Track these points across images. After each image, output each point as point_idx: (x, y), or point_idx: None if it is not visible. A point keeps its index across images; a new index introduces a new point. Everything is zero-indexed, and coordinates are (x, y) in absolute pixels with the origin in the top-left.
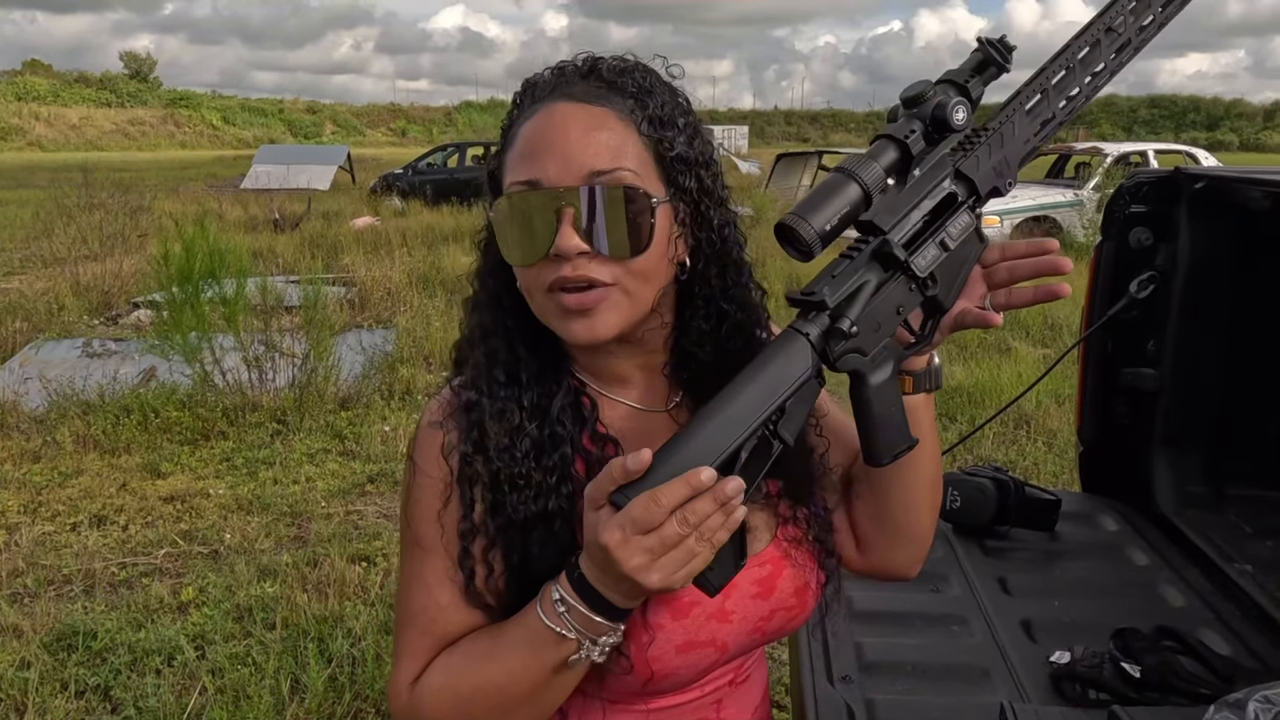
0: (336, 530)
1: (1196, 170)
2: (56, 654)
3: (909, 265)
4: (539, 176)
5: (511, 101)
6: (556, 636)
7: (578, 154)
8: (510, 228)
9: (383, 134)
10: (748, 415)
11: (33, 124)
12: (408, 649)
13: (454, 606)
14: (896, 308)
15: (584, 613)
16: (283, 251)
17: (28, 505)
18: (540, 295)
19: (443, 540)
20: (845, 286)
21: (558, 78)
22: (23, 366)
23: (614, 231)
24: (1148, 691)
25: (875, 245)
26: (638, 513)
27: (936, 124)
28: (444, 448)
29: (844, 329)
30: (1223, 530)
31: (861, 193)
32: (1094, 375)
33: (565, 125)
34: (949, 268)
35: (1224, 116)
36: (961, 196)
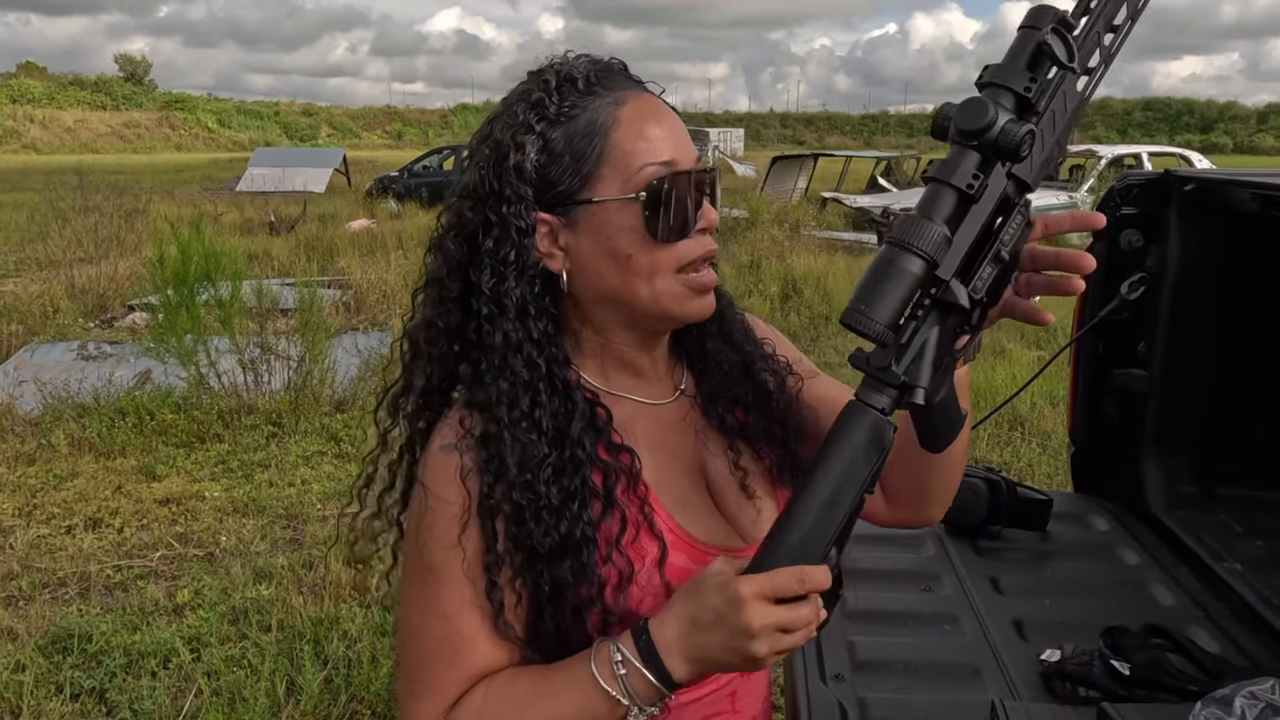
0: (332, 533)
1: (1186, 172)
2: (51, 657)
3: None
4: (675, 157)
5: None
6: (609, 699)
7: (686, 138)
8: (661, 206)
9: (378, 136)
10: (844, 502)
11: (27, 127)
12: (432, 684)
13: (479, 636)
14: (955, 331)
15: (644, 677)
16: (278, 254)
17: (22, 508)
18: (670, 278)
19: (462, 566)
20: (912, 351)
21: (610, 70)
22: (17, 369)
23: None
24: (1137, 689)
25: (939, 296)
26: (782, 581)
27: (1002, 155)
28: (460, 471)
29: (919, 400)
30: (1213, 530)
31: (924, 264)
32: (1085, 376)
33: (671, 116)
34: (1002, 276)
35: (1218, 119)
36: (1015, 199)
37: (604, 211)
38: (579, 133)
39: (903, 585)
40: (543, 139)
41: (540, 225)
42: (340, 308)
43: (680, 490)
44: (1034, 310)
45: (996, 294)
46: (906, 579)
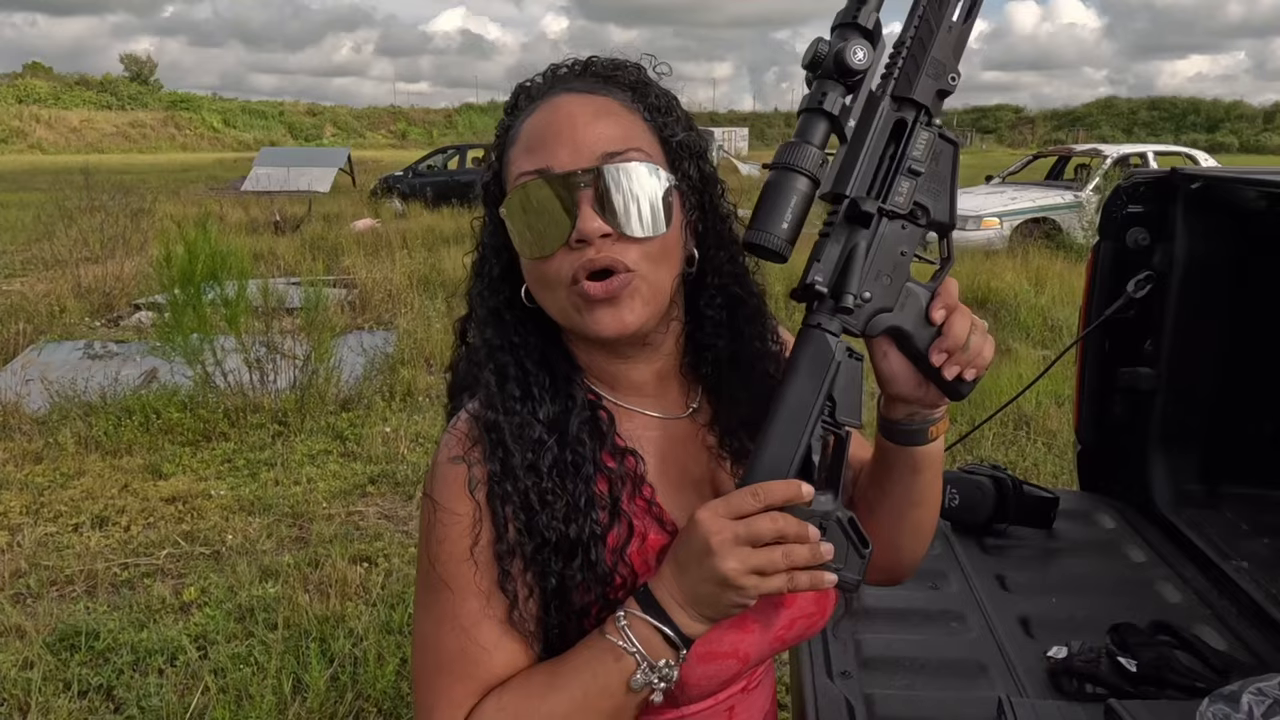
0: (338, 531)
1: (1193, 170)
2: (59, 654)
3: (886, 210)
4: (549, 164)
5: (505, 108)
6: (616, 652)
7: (587, 138)
8: (524, 219)
9: (383, 136)
10: (798, 422)
11: (34, 127)
12: (445, 698)
13: (496, 646)
14: (899, 252)
15: (646, 622)
16: (284, 253)
17: (30, 506)
18: (561, 290)
19: (476, 578)
20: (835, 263)
21: (554, 77)
22: (25, 368)
23: (634, 210)
24: (1143, 685)
25: (845, 210)
26: (737, 498)
27: (844, 73)
28: (469, 483)
29: (849, 305)
30: (1219, 528)
31: (808, 180)
32: (1092, 375)
33: (571, 112)
34: (931, 187)
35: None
36: (910, 118)
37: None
38: (502, 153)
39: (909, 583)
40: (498, 161)
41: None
42: (345, 307)
43: (686, 500)
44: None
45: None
46: (912, 576)
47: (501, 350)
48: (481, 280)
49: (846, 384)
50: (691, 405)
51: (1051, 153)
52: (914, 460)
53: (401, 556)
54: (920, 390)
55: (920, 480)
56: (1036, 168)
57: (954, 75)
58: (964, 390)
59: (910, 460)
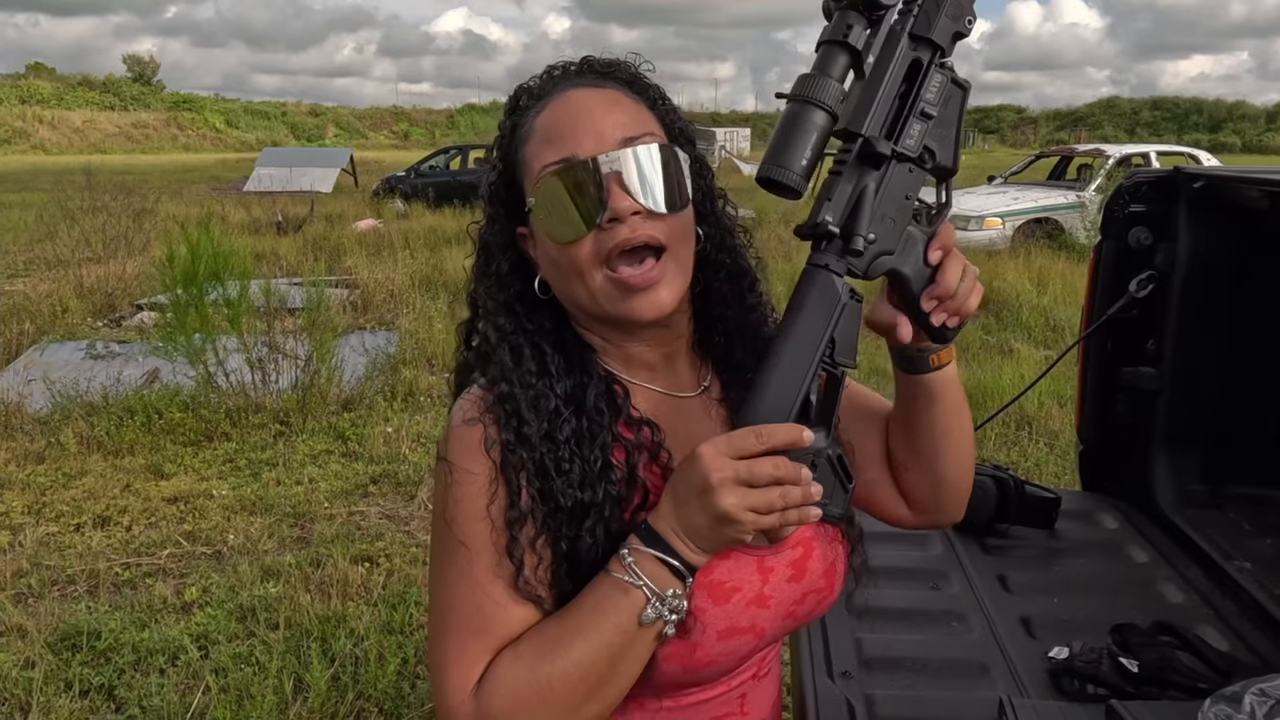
0: (339, 531)
1: (1195, 170)
2: (60, 654)
3: (898, 153)
4: (574, 152)
5: (506, 109)
6: (623, 587)
7: (606, 126)
8: (554, 206)
9: (385, 137)
10: (802, 363)
11: (36, 127)
12: (460, 655)
13: (512, 602)
14: (904, 195)
15: (651, 556)
16: (286, 254)
17: (32, 506)
18: (595, 274)
19: (492, 536)
20: (845, 203)
21: (554, 76)
22: (27, 368)
23: (661, 187)
24: (1145, 686)
25: (858, 149)
26: (739, 437)
27: (870, 5)
28: (484, 442)
29: (859, 247)
30: (1222, 528)
31: (826, 114)
32: (1094, 374)
33: (586, 104)
34: (938, 132)
35: (1227, 118)
36: (926, 59)
37: (534, 220)
38: (513, 150)
39: (910, 583)
40: (503, 161)
41: (525, 239)
42: (347, 307)
43: None
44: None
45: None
46: (914, 576)
47: (515, 334)
48: (488, 278)
49: (847, 325)
50: (703, 384)
51: (1054, 153)
52: (927, 388)
53: (403, 556)
54: (915, 335)
55: (939, 408)
56: (1039, 168)
57: (970, 18)
58: (949, 336)
59: (924, 388)
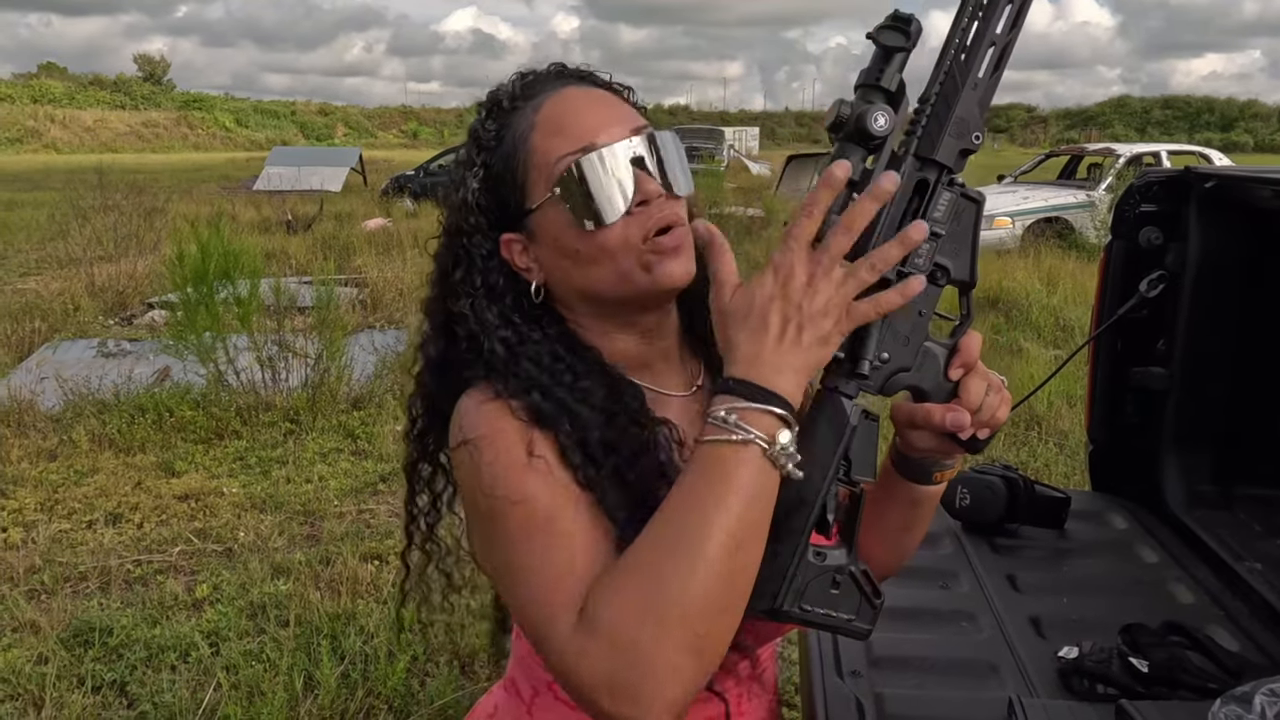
0: (349, 529)
1: (1207, 169)
2: (73, 650)
3: (905, 274)
4: (591, 140)
5: (485, 113)
6: (730, 446)
7: (614, 116)
8: (582, 192)
9: (394, 136)
10: (814, 489)
11: (48, 126)
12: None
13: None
14: (918, 312)
15: (755, 410)
16: (295, 253)
17: (44, 503)
18: (627, 254)
19: (543, 482)
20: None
21: (537, 77)
22: (39, 366)
23: (678, 171)
24: (1155, 686)
25: None
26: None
27: (865, 138)
28: (512, 410)
29: (865, 371)
30: (1232, 529)
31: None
32: (1104, 374)
33: (589, 98)
34: (951, 247)
35: (1239, 117)
36: (932, 178)
37: (543, 216)
38: (508, 150)
39: (919, 582)
40: (484, 168)
41: (510, 245)
42: (357, 306)
43: None
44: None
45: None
46: (923, 576)
47: (525, 344)
48: (476, 293)
49: (862, 444)
50: (696, 383)
51: (1064, 152)
52: (914, 493)
53: None
54: (939, 444)
55: (915, 512)
56: (1049, 167)
57: (978, 134)
58: (979, 447)
59: (913, 494)
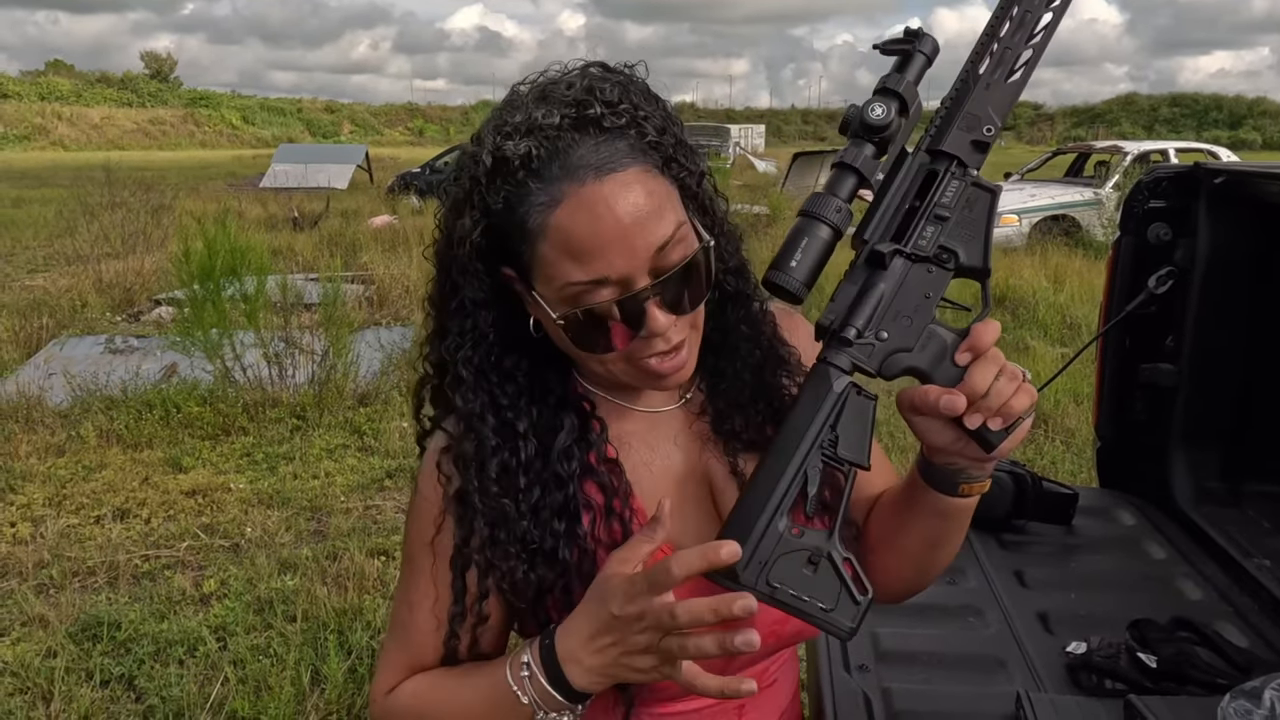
0: (355, 525)
1: (1216, 165)
2: (81, 644)
3: (907, 253)
4: (605, 273)
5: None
6: (514, 698)
7: (637, 236)
8: (583, 324)
9: (400, 133)
10: (788, 452)
11: (55, 124)
12: (387, 660)
13: (430, 633)
14: (923, 294)
15: (543, 685)
16: (302, 250)
17: (53, 498)
18: (620, 364)
19: (431, 567)
20: (845, 303)
21: (557, 141)
22: (47, 362)
23: (693, 294)
24: (1164, 681)
25: (861, 254)
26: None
27: (867, 130)
28: (440, 473)
29: (849, 337)
30: (1241, 526)
31: (828, 228)
32: (1112, 371)
33: (612, 210)
34: (960, 234)
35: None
36: (941, 169)
37: (541, 306)
38: (513, 228)
39: None
40: (485, 218)
41: (509, 278)
42: (363, 303)
43: (675, 504)
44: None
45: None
46: None
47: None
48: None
49: (850, 420)
50: (684, 395)
51: (1071, 149)
52: (940, 505)
53: None
54: (954, 440)
55: (944, 525)
56: (1056, 164)
57: (989, 127)
58: (993, 440)
59: (936, 504)
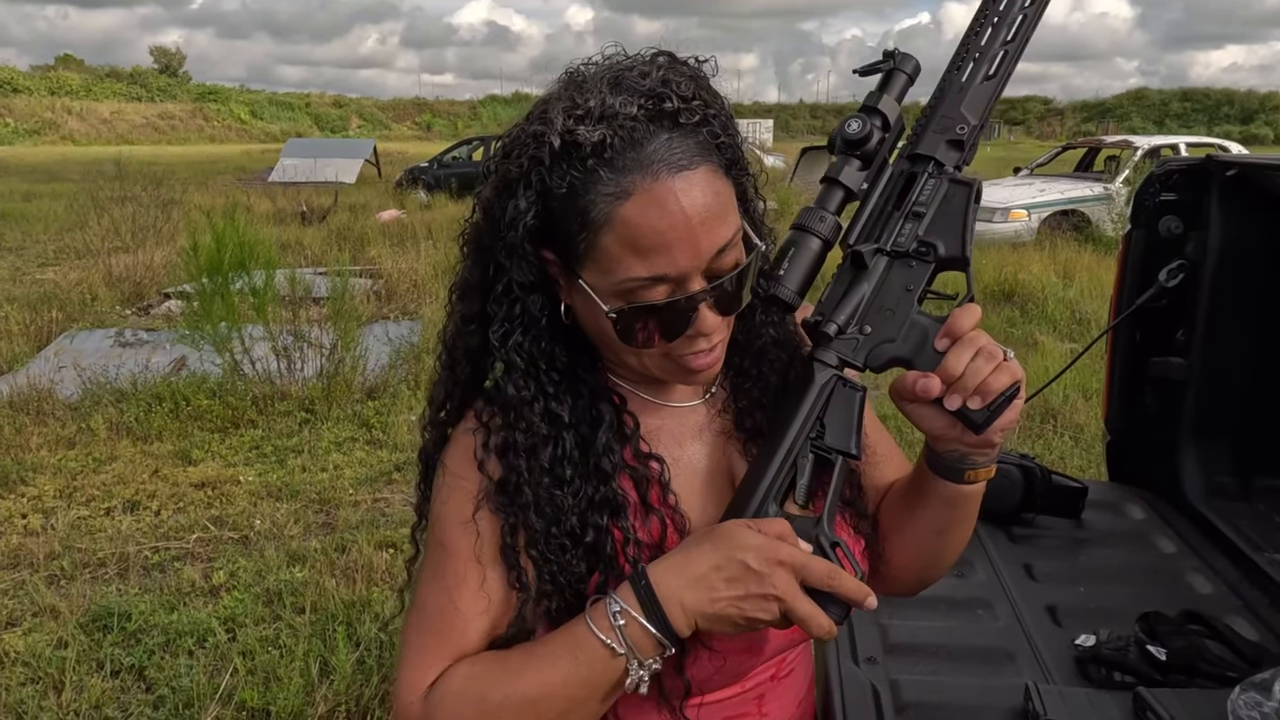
0: (364, 517)
1: (1228, 158)
2: (92, 634)
3: (888, 250)
4: (666, 270)
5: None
6: (605, 651)
7: (703, 236)
8: (635, 318)
9: (408, 128)
10: (779, 446)
11: (65, 118)
12: (420, 652)
13: (476, 615)
14: (904, 287)
15: (642, 627)
16: (310, 244)
17: (63, 490)
18: (657, 358)
19: (474, 546)
20: (831, 303)
21: (633, 132)
22: (57, 355)
23: (741, 297)
24: (1173, 674)
25: (846, 257)
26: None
27: (847, 144)
28: (476, 454)
29: (830, 332)
30: (1251, 520)
31: (819, 241)
32: (1122, 364)
33: (683, 208)
34: (940, 228)
35: (1259, 110)
36: (920, 170)
37: (586, 296)
38: (575, 214)
39: None
40: (541, 199)
41: (550, 262)
42: (371, 297)
43: (701, 498)
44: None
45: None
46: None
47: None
48: (513, 322)
49: (837, 410)
50: (709, 391)
51: (1081, 144)
52: (947, 493)
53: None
54: (950, 425)
55: (951, 513)
56: (1065, 159)
57: (962, 126)
58: (976, 420)
59: (943, 491)
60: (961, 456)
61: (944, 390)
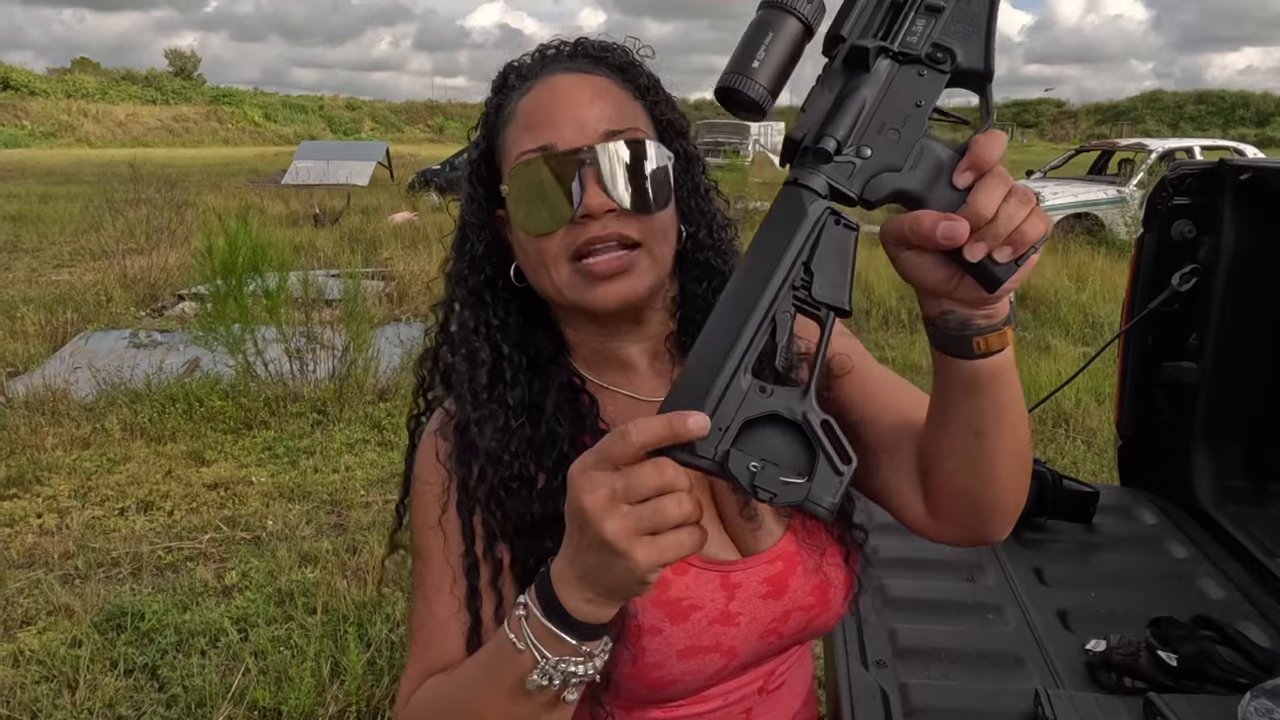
0: (375, 519)
1: (1242, 162)
2: (106, 633)
3: (895, 52)
4: (552, 140)
5: (493, 86)
6: (511, 648)
7: (590, 115)
8: (528, 196)
9: (420, 130)
10: (754, 297)
11: (81, 121)
12: (410, 662)
13: (449, 619)
14: (914, 103)
15: (540, 620)
16: (323, 246)
17: (78, 490)
18: (564, 267)
19: (443, 549)
20: (820, 113)
21: (544, 57)
22: (73, 356)
23: (639, 186)
24: (1184, 680)
25: (839, 53)
26: (606, 443)
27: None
28: (439, 454)
29: (829, 149)
30: (1263, 525)
31: (798, 23)
32: (1134, 368)
33: (571, 91)
34: (957, 29)
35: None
36: None
37: (508, 206)
38: (497, 131)
39: (945, 574)
40: (486, 141)
41: (500, 221)
42: (383, 299)
43: None
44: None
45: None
46: (949, 568)
47: (475, 334)
48: (463, 259)
49: (828, 253)
50: (672, 379)
51: (1095, 147)
52: (966, 376)
53: None
54: (947, 279)
55: (979, 402)
56: (1079, 162)
57: None
58: (1000, 275)
59: (962, 375)
60: (963, 322)
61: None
